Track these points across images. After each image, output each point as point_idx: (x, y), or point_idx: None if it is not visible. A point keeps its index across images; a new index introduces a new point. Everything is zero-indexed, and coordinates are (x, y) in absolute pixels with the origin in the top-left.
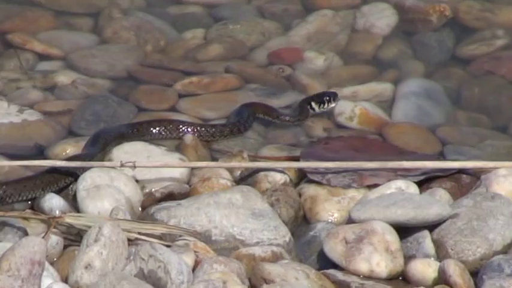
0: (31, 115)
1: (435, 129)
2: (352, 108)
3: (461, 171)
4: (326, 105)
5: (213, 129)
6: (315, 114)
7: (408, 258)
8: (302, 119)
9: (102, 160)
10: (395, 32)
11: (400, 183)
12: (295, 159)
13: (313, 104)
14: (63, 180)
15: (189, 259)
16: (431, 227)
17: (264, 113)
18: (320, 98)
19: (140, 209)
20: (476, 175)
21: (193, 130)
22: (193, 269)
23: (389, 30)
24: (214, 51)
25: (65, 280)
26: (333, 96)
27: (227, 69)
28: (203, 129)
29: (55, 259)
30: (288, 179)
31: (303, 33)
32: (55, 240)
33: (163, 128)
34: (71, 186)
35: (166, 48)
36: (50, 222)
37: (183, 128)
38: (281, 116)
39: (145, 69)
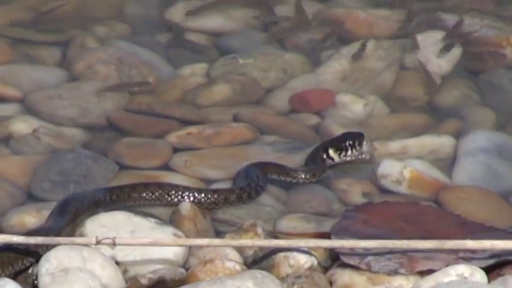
0: None
1: (509, 195)
2: (400, 170)
3: None
4: (349, 151)
5: (217, 195)
6: (334, 165)
7: None
8: (318, 174)
9: (72, 235)
10: (457, 70)
11: (462, 269)
12: (325, 236)
13: (330, 151)
14: (21, 262)
15: None
16: None
17: (278, 173)
18: (339, 143)
19: None
20: None
21: (191, 196)
22: None
23: (449, 68)
24: (219, 93)
25: None
26: (358, 139)
27: (236, 117)
28: (204, 194)
29: None
30: (315, 262)
31: (335, 70)
32: None
33: (151, 194)
34: (31, 268)
35: (157, 88)
36: None
37: (178, 194)
38: (291, 172)
39: (129, 115)
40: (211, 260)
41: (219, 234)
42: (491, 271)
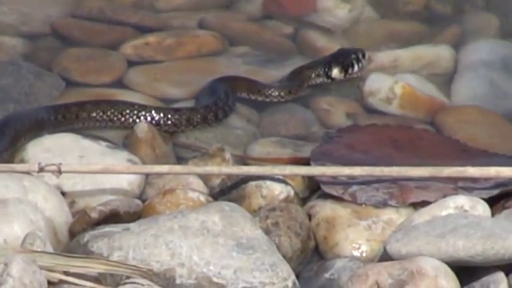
0: None
1: None
2: (391, 84)
3: None
4: (355, 67)
5: (178, 115)
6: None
7: None
8: (294, 91)
9: (11, 162)
10: None
11: (461, 201)
12: (303, 161)
13: (335, 71)
14: None
15: None
16: (508, 267)
17: (249, 91)
18: (345, 59)
19: (68, 235)
20: None
21: (148, 116)
22: None
23: None
24: None
25: None
26: (361, 52)
27: (202, 23)
28: (163, 114)
29: None
30: (291, 193)
31: None
32: None
33: (102, 113)
34: None
35: None
36: None
37: (133, 113)
38: (265, 89)
39: (77, 22)
40: (172, 190)
41: (181, 160)
42: (495, 203)
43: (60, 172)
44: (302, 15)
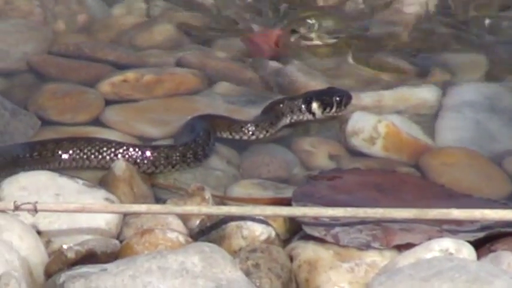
0: None
1: (502, 159)
2: (374, 124)
3: None
4: (334, 108)
5: (156, 154)
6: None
7: None
8: (272, 127)
9: None
10: (440, 8)
11: (447, 244)
12: (285, 202)
13: (314, 105)
14: None
15: None
16: None
17: (230, 129)
18: (326, 97)
19: (44, 276)
20: None
21: (126, 155)
22: None
23: (431, 3)
24: (161, 33)
25: None
26: (346, 98)
27: (181, 61)
28: (141, 153)
29: None
30: (272, 234)
31: None
32: None
33: (79, 151)
34: None
35: (88, 27)
36: None
37: (111, 152)
38: (244, 127)
39: (54, 59)
40: (150, 230)
41: (159, 201)
42: (481, 246)
43: (36, 211)
44: (282, 54)
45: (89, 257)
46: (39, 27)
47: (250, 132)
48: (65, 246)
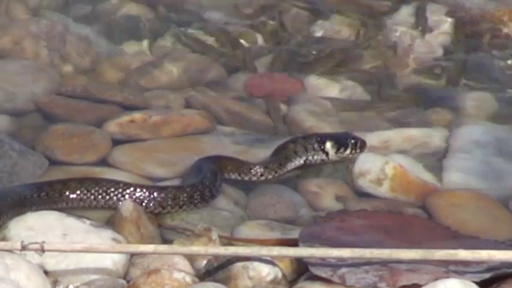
0: None
1: (510, 200)
2: (381, 165)
3: None
4: (349, 151)
5: (164, 195)
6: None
7: None
8: (282, 168)
9: None
10: (449, 50)
11: (453, 284)
12: (292, 243)
13: (328, 144)
14: None
15: None
16: None
17: (238, 171)
18: (341, 139)
19: None
20: None
21: (133, 195)
22: None
23: (440, 47)
24: (169, 74)
25: None
26: (361, 144)
27: (188, 101)
28: (149, 194)
29: None
30: (279, 274)
31: None
32: None
33: (86, 192)
34: None
35: (95, 68)
36: None
37: (118, 192)
38: (252, 168)
39: (62, 100)
40: (157, 270)
41: (166, 241)
42: (487, 287)
43: (43, 251)
44: (291, 94)
45: None
46: (46, 68)
47: (259, 173)
48: (71, 286)
